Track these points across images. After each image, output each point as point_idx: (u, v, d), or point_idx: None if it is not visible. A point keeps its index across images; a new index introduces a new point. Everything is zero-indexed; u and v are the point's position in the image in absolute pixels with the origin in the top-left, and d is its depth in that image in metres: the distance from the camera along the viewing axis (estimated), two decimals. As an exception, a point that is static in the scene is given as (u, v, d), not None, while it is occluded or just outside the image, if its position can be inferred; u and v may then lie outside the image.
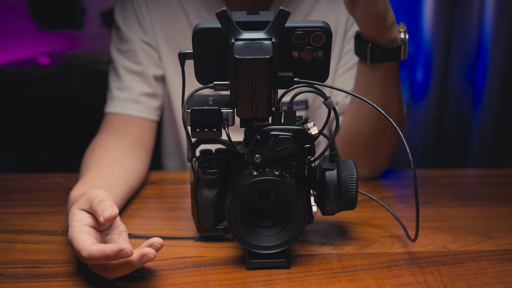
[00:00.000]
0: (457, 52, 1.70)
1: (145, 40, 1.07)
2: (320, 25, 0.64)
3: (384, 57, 0.84)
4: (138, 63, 1.06)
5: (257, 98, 0.61)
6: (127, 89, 1.05)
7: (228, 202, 0.63)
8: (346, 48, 1.08)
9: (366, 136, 0.95)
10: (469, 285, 0.63)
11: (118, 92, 1.05)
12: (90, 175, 0.81)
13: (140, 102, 1.05)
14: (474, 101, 1.75)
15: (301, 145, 0.64)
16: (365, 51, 0.85)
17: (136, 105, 1.05)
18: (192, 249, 0.72)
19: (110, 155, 0.90)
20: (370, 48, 0.83)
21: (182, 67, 0.67)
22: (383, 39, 0.83)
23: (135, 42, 1.07)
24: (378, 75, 0.87)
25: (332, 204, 0.69)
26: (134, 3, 1.08)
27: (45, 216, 0.84)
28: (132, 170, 0.90)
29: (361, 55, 0.86)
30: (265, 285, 0.63)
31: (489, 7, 1.64)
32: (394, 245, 0.73)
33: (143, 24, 1.07)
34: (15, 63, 2.38)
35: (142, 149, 0.99)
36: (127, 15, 1.08)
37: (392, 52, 0.84)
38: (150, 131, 1.06)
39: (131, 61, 1.06)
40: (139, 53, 1.06)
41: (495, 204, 0.89)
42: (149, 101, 1.06)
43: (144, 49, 1.07)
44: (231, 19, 0.60)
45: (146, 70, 1.07)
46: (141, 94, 1.05)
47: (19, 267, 0.67)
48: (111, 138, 0.97)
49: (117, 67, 1.07)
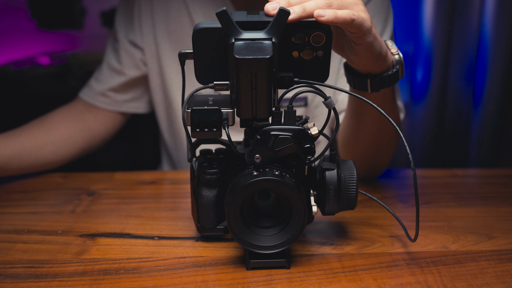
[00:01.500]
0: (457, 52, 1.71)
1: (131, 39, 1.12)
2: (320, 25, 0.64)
3: (385, 83, 0.80)
4: (119, 62, 1.13)
5: (257, 98, 0.60)
6: (101, 83, 1.14)
7: (228, 202, 0.63)
8: None
9: (367, 141, 0.95)
10: (469, 285, 0.63)
11: (94, 82, 1.15)
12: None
13: (107, 96, 1.13)
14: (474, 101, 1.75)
15: (301, 145, 0.63)
16: (364, 83, 0.81)
17: (104, 98, 1.13)
18: (192, 249, 0.72)
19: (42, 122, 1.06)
20: (370, 80, 0.80)
21: (182, 67, 0.67)
22: (381, 69, 0.79)
23: (122, 42, 1.12)
24: (375, 97, 0.83)
25: (332, 204, 0.69)
26: (135, 3, 1.10)
27: (45, 216, 0.84)
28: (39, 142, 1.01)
29: (359, 87, 0.82)
30: (265, 285, 0.63)
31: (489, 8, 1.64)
32: (394, 245, 0.73)
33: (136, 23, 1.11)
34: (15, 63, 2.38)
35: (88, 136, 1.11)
36: (123, 15, 1.13)
37: (392, 77, 0.80)
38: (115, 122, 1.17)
39: (115, 59, 1.14)
40: (122, 53, 1.12)
41: (495, 204, 0.89)
42: (116, 95, 1.14)
43: (128, 50, 1.12)
44: (231, 19, 0.60)
45: (124, 70, 1.13)
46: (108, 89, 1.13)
47: (19, 267, 0.67)
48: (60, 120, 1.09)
49: (104, 61, 1.16)
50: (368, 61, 0.76)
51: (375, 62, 0.76)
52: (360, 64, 0.77)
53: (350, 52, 0.75)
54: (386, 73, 0.79)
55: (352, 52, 0.75)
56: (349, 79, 0.83)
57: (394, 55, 0.80)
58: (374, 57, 0.75)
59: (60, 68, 2.28)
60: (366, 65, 0.77)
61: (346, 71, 0.83)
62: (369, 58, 0.75)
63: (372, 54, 0.74)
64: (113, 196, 0.91)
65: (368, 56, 0.74)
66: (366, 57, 0.74)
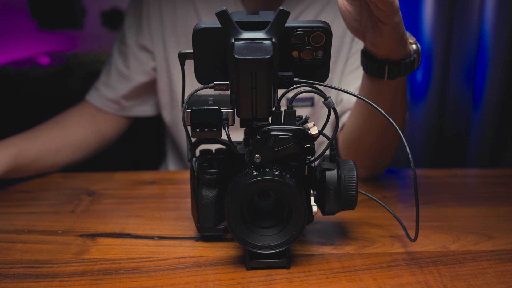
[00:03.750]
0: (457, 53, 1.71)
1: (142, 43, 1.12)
2: (320, 25, 0.64)
3: (402, 71, 0.82)
4: (127, 67, 1.14)
5: (257, 98, 0.61)
6: (111, 89, 1.14)
7: (228, 202, 0.63)
8: (353, 49, 1.10)
9: (370, 143, 0.95)
10: (469, 285, 0.63)
11: (102, 86, 1.15)
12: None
13: (117, 103, 1.14)
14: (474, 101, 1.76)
15: (301, 145, 0.64)
16: (382, 70, 0.82)
17: (114, 104, 1.14)
18: (192, 249, 0.72)
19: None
20: (388, 66, 0.81)
21: (182, 67, 0.67)
22: (400, 55, 0.80)
23: (130, 47, 1.13)
24: (389, 87, 0.85)
25: (332, 204, 0.69)
26: (143, 5, 1.11)
27: (45, 216, 0.84)
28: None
29: (376, 74, 0.83)
30: (265, 285, 0.63)
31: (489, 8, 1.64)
32: (394, 245, 0.73)
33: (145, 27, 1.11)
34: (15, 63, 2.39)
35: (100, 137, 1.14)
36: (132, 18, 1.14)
37: (409, 65, 0.82)
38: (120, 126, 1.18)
39: (123, 64, 1.14)
40: (130, 58, 1.13)
41: (495, 204, 0.89)
42: (126, 102, 1.15)
43: (137, 55, 1.13)
44: (231, 19, 0.60)
45: (132, 75, 1.14)
46: (121, 97, 1.14)
47: (19, 267, 0.67)
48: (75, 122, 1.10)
49: (111, 64, 1.16)
50: (392, 42, 0.77)
51: (397, 45, 0.77)
52: (382, 46, 0.78)
53: (374, 33, 0.76)
54: (404, 60, 0.81)
55: (377, 33, 0.76)
56: (366, 66, 0.84)
57: (412, 44, 0.82)
58: (397, 40, 0.76)
59: (60, 68, 2.28)
60: (387, 48, 0.78)
61: (364, 56, 0.83)
62: (393, 39, 0.76)
63: (397, 35, 0.75)
64: (113, 196, 0.91)
65: (393, 38, 0.76)
66: (390, 38, 0.76)
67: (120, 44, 1.15)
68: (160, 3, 1.10)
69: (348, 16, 0.78)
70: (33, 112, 2.19)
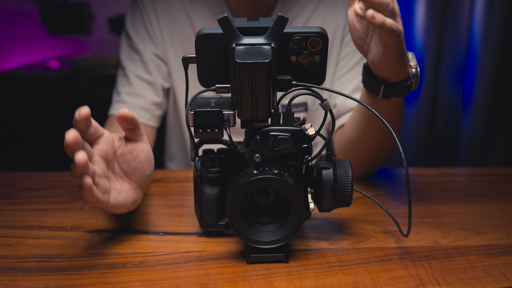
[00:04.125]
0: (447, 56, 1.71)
1: (156, 53, 1.09)
2: (317, 30, 0.65)
3: (397, 93, 0.82)
4: (149, 73, 1.09)
5: (257, 100, 0.62)
6: (138, 96, 1.08)
7: (230, 199, 0.64)
8: (343, 52, 1.09)
9: (367, 151, 0.96)
10: (459, 278, 0.64)
11: (128, 97, 1.08)
12: None
13: (148, 110, 1.08)
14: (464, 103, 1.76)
15: (299, 145, 0.64)
16: (377, 88, 0.82)
17: (144, 112, 1.08)
18: (195, 244, 0.73)
19: None
20: (384, 86, 0.81)
21: (186, 71, 0.68)
22: (398, 78, 0.80)
23: (146, 53, 1.09)
24: (385, 104, 0.85)
25: (328, 201, 0.70)
26: (144, 14, 1.09)
27: (55, 212, 0.85)
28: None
29: (372, 90, 0.83)
30: (265, 278, 0.64)
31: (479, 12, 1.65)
32: (387, 240, 0.74)
33: (154, 36, 1.09)
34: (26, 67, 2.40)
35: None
36: (138, 27, 1.10)
37: (405, 88, 0.81)
38: (152, 136, 1.10)
39: (143, 70, 1.09)
40: (150, 64, 1.09)
41: (483, 201, 0.90)
42: (156, 110, 1.10)
43: (154, 61, 1.10)
44: (232, 25, 0.61)
45: (156, 80, 1.10)
46: (151, 103, 1.09)
47: (30, 261, 0.68)
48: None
49: (128, 74, 1.09)
50: (389, 69, 0.77)
51: (397, 69, 0.78)
52: (381, 69, 0.79)
53: (376, 56, 0.77)
54: (401, 83, 0.81)
55: (377, 57, 0.76)
56: (365, 80, 0.84)
57: (412, 68, 0.81)
58: (397, 65, 0.77)
59: (69, 72, 2.29)
60: (387, 71, 0.79)
61: (365, 71, 0.83)
62: (391, 66, 0.77)
63: (397, 61, 0.76)
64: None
65: (391, 65, 0.76)
66: (389, 65, 0.76)
67: (131, 54, 1.11)
68: (157, 14, 1.09)
69: (354, 32, 0.78)
70: (43, 114, 2.21)
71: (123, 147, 0.68)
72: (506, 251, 0.72)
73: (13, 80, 2.23)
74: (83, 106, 0.62)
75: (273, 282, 0.63)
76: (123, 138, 0.69)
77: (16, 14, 2.56)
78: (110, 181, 0.67)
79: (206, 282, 0.63)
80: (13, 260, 0.69)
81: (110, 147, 0.66)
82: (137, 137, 0.69)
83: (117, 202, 0.68)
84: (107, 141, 0.66)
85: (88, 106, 0.62)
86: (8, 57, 2.52)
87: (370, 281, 0.64)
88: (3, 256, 0.70)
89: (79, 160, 0.58)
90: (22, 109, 2.18)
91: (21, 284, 0.63)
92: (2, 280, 0.64)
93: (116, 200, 0.67)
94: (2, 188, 0.96)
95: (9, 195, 0.93)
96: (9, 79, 2.26)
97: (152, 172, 0.73)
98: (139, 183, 0.71)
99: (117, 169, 0.69)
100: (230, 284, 0.63)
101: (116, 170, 0.69)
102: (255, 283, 0.63)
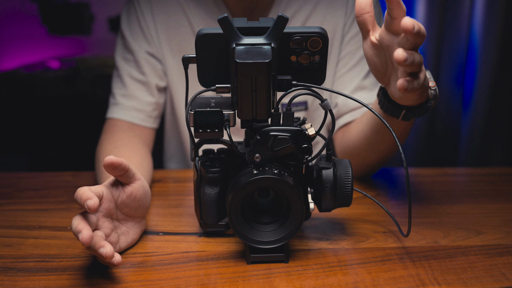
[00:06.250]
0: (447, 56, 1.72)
1: (150, 51, 1.09)
2: (317, 30, 0.65)
3: (417, 115, 0.80)
4: (142, 73, 1.08)
5: (257, 100, 0.62)
6: (132, 98, 1.07)
7: (230, 199, 0.64)
8: (344, 51, 1.09)
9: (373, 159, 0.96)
10: (459, 278, 0.64)
11: (123, 99, 1.08)
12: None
13: (143, 111, 1.08)
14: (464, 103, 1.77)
15: (299, 145, 0.65)
16: (398, 112, 0.80)
17: (139, 113, 1.07)
18: (195, 244, 0.73)
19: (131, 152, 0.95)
20: (405, 111, 0.79)
21: (186, 71, 0.68)
22: (418, 102, 0.78)
23: (140, 52, 1.08)
24: (401, 124, 0.83)
25: (328, 201, 0.70)
26: (138, 13, 1.08)
27: (55, 212, 0.85)
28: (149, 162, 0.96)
29: (391, 114, 0.80)
30: (265, 278, 0.64)
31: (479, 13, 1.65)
32: (387, 240, 0.74)
33: (148, 35, 1.09)
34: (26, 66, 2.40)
35: (148, 150, 1.04)
36: (133, 25, 1.09)
37: (426, 110, 0.80)
38: (150, 137, 1.09)
39: (136, 70, 1.08)
40: (143, 63, 1.08)
41: (483, 201, 0.90)
42: (152, 110, 1.09)
43: (148, 60, 1.09)
44: (232, 25, 0.61)
45: (150, 80, 1.09)
46: (146, 104, 1.08)
47: (30, 261, 0.68)
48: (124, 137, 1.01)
49: (122, 75, 1.09)
50: (411, 102, 0.77)
51: (418, 97, 0.76)
52: (402, 101, 0.77)
53: (396, 93, 0.76)
54: (421, 106, 0.79)
55: (398, 94, 0.75)
56: (383, 103, 0.81)
57: (431, 89, 0.80)
58: (417, 100, 0.76)
59: (69, 72, 2.29)
60: (406, 103, 0.77)
61: (382, 95, 0.81)
62: (413, 100, 0.76)
63: (417, 97, 0.75)
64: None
65: (413, 99, 0.75)
66: (410, 98, 0.75)
67: (125, 53, 1.10)
68: (153, 13, 1.09)
69: (372, 65, 0.76)
70: (43, 114, 2.21)
71: (121, 195, 0.69)
72: (506, 251, 0.72)
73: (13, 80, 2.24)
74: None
75: (273, 282, 0.63)
76: (119, 185, 0.69)
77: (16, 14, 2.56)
78: (117, 229, 0.70)
79: (206, 282, 0.63)
80: (13, 260, 0.69)
81: (111, 203, 0.68)
82: (130, 179, 0.69)
83: (128, 243, 0.71)
84: (107, 199, 0.67)
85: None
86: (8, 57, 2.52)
87: (370, 281, 0.64)
88: (3, 256, 0.70)
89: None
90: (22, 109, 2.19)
91: (21, 284, 0.63)
92: (2, 280, 0.64)
93: (127, 243, 0.71)
94: (2, 188, 0.96)
95: (9, 195, 0.93)
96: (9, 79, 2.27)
97: (150, 200, 0.75)
98: (141, 215, 0.74)
99: (120, 215, 0.70)
100: (230, 284, 0.63)
101: (120, 216, 0.70)
102: (255, 283, 0.63)
